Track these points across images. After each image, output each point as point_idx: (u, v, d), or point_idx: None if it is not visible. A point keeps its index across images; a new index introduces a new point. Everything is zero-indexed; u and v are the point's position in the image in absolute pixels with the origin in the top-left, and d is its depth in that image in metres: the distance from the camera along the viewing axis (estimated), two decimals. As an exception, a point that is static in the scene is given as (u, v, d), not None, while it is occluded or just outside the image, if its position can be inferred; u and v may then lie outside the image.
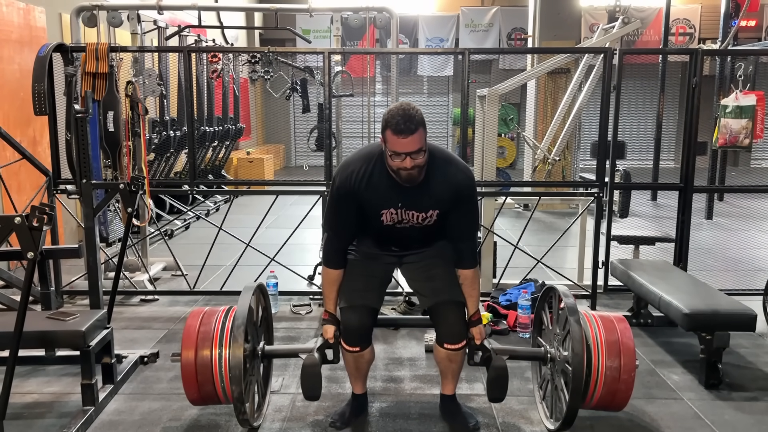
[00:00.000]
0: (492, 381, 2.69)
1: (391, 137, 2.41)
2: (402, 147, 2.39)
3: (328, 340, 2.73)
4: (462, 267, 2.70)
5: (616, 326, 2.74)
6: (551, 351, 2.83)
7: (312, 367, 2.64)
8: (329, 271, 2.74)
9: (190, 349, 2.65)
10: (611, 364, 2.64)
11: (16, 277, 3.83)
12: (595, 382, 2.66)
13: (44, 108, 4.06)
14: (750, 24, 13.18)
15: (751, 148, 4.54)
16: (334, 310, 2.77)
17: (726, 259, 5.92)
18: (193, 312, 2.82)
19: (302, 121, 12.46)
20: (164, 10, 5.49)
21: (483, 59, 14.14)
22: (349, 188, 2.57)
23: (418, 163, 2.44)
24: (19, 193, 5.02)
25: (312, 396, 2.69)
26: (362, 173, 2.56)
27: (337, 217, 2.69)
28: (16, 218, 2.21)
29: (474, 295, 2.73)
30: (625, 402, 2.73)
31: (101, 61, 4.23)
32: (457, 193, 2.59)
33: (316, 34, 12.89)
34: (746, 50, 7.63)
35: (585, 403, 2.71)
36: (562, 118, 6.88)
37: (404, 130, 2.37)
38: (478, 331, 2.73)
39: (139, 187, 3.28)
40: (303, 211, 4.73)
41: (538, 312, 3.06)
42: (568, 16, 9.11)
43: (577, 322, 2.57)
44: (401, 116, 2.37)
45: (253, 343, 2.74)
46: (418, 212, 2.59)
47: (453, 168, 2.60)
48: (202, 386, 2.66)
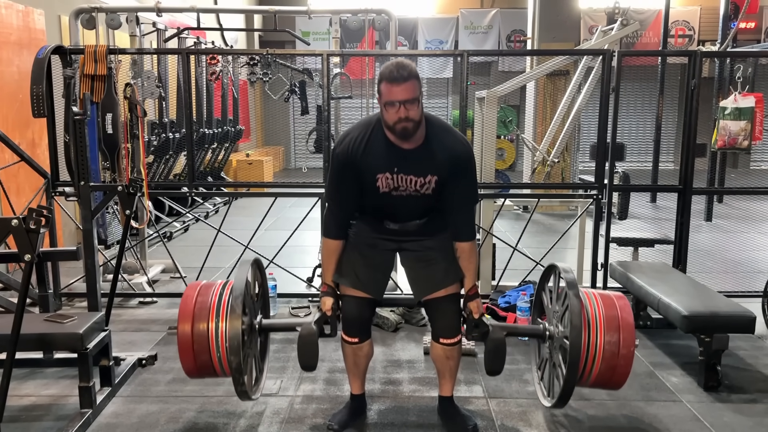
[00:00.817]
0: (490, 352, 2.67)
1: (385, 88, 2.44)
2: (396, 95, 2.42)
3: (326, 312, 2.71)
4: (459, 239, 2.69)
5: (616, 303, 2.72)
6: (550, 328, 2.80)
7: (309, 336, 2.61)
8: (329, 242, 2.73)
9: (186, 321, 2.64)
10: (610, 339, 2.62)
11: (14, 279, 3.83)
12: (593, 357, 2.63)
13: (43, 110, 4.05)
14: (749, 26, 13.20)
15: (750, 149, 4.53)
16: (333, 283, 2.75)
17: (725, 261, 5.92)
18: (190, 285, 2.81)
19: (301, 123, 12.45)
20: (163, 12, 5.49)
21: (482, 61, 14.18)
22: (347, 154, 2.58)
23: (412, 115, 2.45)
24: (18, 196, 5.02)
25: (308, 366, 2.66)
26: (360, 138, 2.59)
27: (337, 186, 2.67)
28: (13, 221, 2.21)
29: (471, 268, 2.71)
30: (624, 379, 2.69)
31: (100, 63, 4.23)
32: (455, 160, 2.58)
33: (315, 36, 12.89)
34: (745, 52, 7.64)
35: (583, 379, 2.68)
36: (561, 119, 6.88)
37: (397, 78, 2.41)
38: (476, 305, 2.70)
39: (137, 190, 3.27)
40: (302, 213, 4.73)
41: (538, 292, 3.05)
42: (567, 18, 9.13)
43: (576, 296, 2.56)
44: (395, 66, 2.43)
45: (251, 317, 2.72)
46: (416, 177, 2.56)
47: (451, 136, 2.61)
48: (198, 357, 2.64)
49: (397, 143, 2.54)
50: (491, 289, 4.63)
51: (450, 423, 2.85)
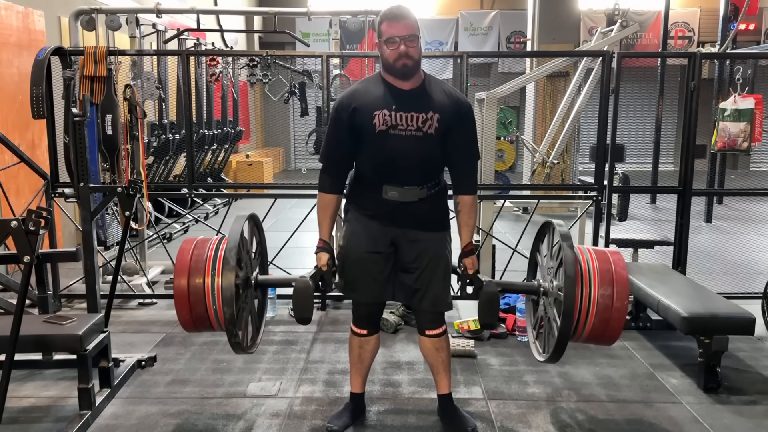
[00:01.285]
0: (483, 305, 2.66)
1: (386, 26, 2.52)
2: (396, 30, 2.49)
3: (321, 267, 2.71)
4: (461, 192, 2.70)
5: (610, 257, 2.71)
6: (544, 284, 2.79)
7: (304, 288, 2.61)
8: (323, 196, 2.72)
9: (182, 274, 2.63)
10: (604, 292, 2.60)
11: (13, 280, 3.83)
12: (587, 310, 2.61)
13: (42, 111, 4.05)
14: (749, 27, 13.21)
15: (749, 151, 4.54)
16: (328, 238, 2.74)
17: (725, 263, 5.92)
18: (186, 240, 2.78)
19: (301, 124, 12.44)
20: (163, 13, 5.50)
21: (482, 62, 14.19)
22: (344, 103, 2.59)
23: (412, 52, 2.50)
24: (18, 197, 5.02)
25: (303, 318, 2.63)
26: (359, 86, 2.66)
27: (334, 138, 2.65)
28: (12, 222, 2.21)
29: (470, 224, 2.72)
30: (617, 334, 2.65)
31: (99, 64, 4.23)
32: (457, 104, 2.60)
33: (315, 38, 12.90)
34: (745, 53, 7.64)
35: (577, 333, 2.65)
36: (561, 121, 6.89)
37: (398, 15, 2.51)
38: (471, 261, 2.71)
39: (137, 191, 3.27)
40: (302, 214, 4.73)
41: (532, 253, 3.04)
42: (567, 20, 9.14)
43: (570, 247, 2.56)
44: (395, 6, 2.55)
45: (246, 271, 2.70)
46: (417, 113, 2.54)
47: (451, 88, 2.69)
48: (195, 310, 2.62)
49: (396, 84, 2.57)
50: (491, 290, 4.62)
51: (450, 424, 2.85)
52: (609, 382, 3.34)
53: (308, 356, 3.70)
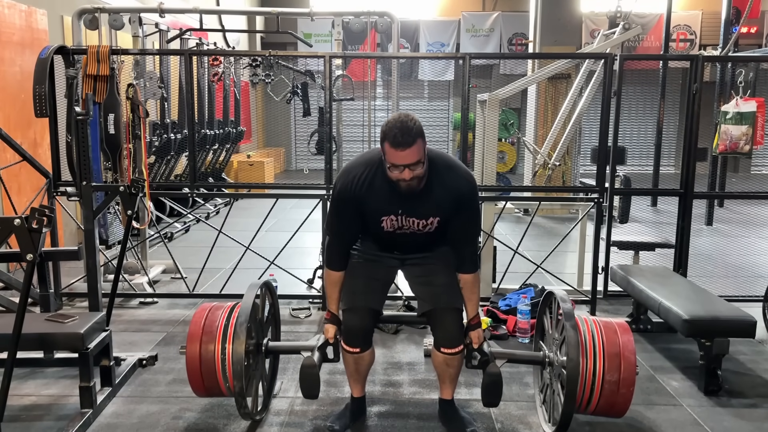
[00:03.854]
0: (486, 387, 2.70)
1: (389, 150, 2.40)
2: (400, 159, 2.39)
3: (328, 339, 2.76)
4: (462, 271, 2.71)
5: (619, 338, 2.71)
6: (550, 355, 2.83)
7: (310, 368, 2.67)
8: (331, 273, 2.75)
9: (195, 342, 2.73)
10: (611, 378, 2.63)
11: (15, 279, 3.83)
12: (591, 391, 2.65)
13: (45, 110, 4.06)
14: (751, 30, 13.20)
15: (751, 154, 4.54)
16: (336, 311, 2.79)
17: (726, 266, 5.91)
18: (201, 306, 2.90)
19: (303, 124, 12.46)
20: (166, 13, 5.50)
21: (484, 64, 14.18)
22: (350, 193, 2.58)
23: (416, 174, 2.44)
24: (20, 195, 5.02)
25: (310, 395, 2.72)
26: (363, 178, 2.57)
27: (338, 222, 2.69)
28: (15, 220, 2.21)
29: (474, 299, 2.73)
30: (624, 412, 2.72)
31: (102, 63, 4.23)
32: (458, 199, 2.59)
33: (318, 38, 12.90)
34: (747, 57, 7.64)
35: (582, 409, 2.71)
36: (563, 123, 6.88)
37: (402, 143, 2.36)
38: (477, 335, 2.73)
39: (139, 190, 3.28)
40: (303, 214, 4.73)
41: (539, 316, 3.05)
42: (569, 22, 9.13)
43: (573, 328, 2.57)
44: (399, 128, 2.36)
45: (258, 339, 2.78)
46: (419, 219, 2.60)
47: (454, 174, 2.59)
48: (206, 379, 2.74)
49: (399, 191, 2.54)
50: (492, 291, 4.64)
51: (450, 426, 2.85)
52: (609, 384, 3.34)
53: (309, 356, 3.69)
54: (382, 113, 6.28)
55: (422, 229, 2.63)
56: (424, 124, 2.49)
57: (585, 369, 2.64)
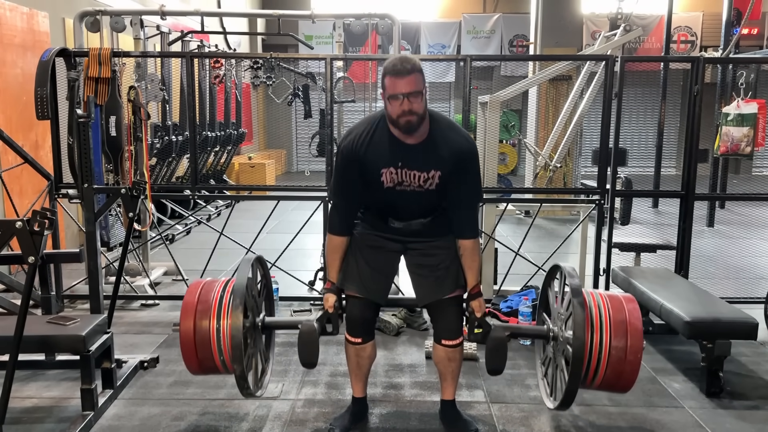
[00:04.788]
0: (491, 351, 2.66)
1: (389, 81, 2.45)
2: (399, 87, 2.42)
3: (327, 309, 2.72)
4: (462, 237, 2.68)
5: (625, 306, 2.70)
6: (554, 329, 2.79)
7: (309, 334, 2.63)
8: (333, 238, 2.73)
9: (189, 318, 2.68)
10: (617, 344, 2.59)
11: (16, 281, 3.83)
12: (597, 363, 2.62)
13: (47, 112, 4.06)
14: (752, 32, 13.20)
15: (752, 156, 4.54)
16: (336, 279, 2.76)
17: (727, 267, 5.91)
18: (192, 283, 2.84)
19: (304, 126, 12.47)
20: (167, 15, 5.51)
21: (485, 66, 14.17)
22: (352, 150, 2.59)
23: (416, 107, 2.45)
24: (21, 197, 5.03)
25: (308, 363, 2.67)
26: (364, 134, 2.60)
27: (341, 182, 2.67)
28: (17, 222, 2.21)
29: (474, 267, 2.70)
30: (631, 383, 2.68)
31: (104, 65, 4.24)
32: (458, 156, 2.57)
33: (319, 40, 12.91)
34: (748, 58, 7.64)
35: (587, 382, 2.68)
36: (564, 125, 6.88)
37: (401, 71, 2.43)
38: (478, 304, 2.70)
39: (140, 192, 3.28)
40: (304, 216, 4.73)
41: (544, 289, 3.04)
42: (570, 23, 9.14)
43: (581, 305, 2.54)
44: (398, 59, 2.46)
45: (253, 316, 2.74)
46: (420, 172, 2.56)
47: (455, 133, 2.61)
48: (201, 356, 2.68)
49: (401, 138, 2.55)
50: (493, 293, 4.63)
51: (451, 428, 2.85)
52: (611, 386, 3.33)
53: (310, 358, 3.69)
54: (383, 115, 6.23)
55: (423, 185, 2.57)
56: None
57: (591, 344, 2.60)
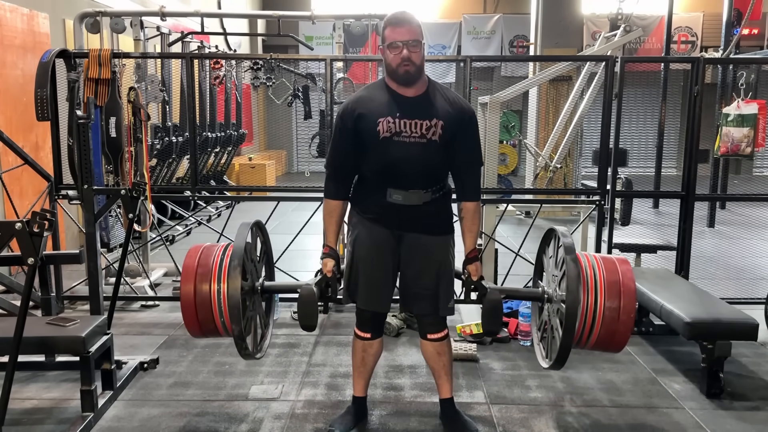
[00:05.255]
0: (487, 312, 2.67)
1: (389, 31, 2.54)
2: (399, 35, 2.51)
3: (326, 274, 2.73)
4: (465, 199, 2.71)
5: (618, 267, 2.71)
6: (549, 291, 2.81)
7: (308, 296, 2.63)
8: (329, 202, 2.73)
9: (189, 282, 2.70)
10: (611, 305, 2.61)
11: (16, 282, 3.83)
12: (592, 322, 2.63)
13: (47, 113, 4.06)
14: (752, 32, 13.19)
15: (752, 156, 4.54)
16: (334, 244, 2.76)
17: (728, 268, 5.90)
18: (192, 247, 2.84)
19: (304, 127, 12.48)
20: (167, 16, 5.51)
21: (485, 66, 14.17)
22: (350, 108, 2.62)
23: (415, 57, 2.51)
24: (21, 198, 5.03)
25: (308, 325, 2.66)
26: (363, 93, 2.67)
27: (339, 145, 2.67)
28: (17, 224, 2.21)
29: (474, 230, 2.72)
30: (624, 343, 2.69)
31: (104, 67, 4.24)
32: (459, 110, 2.62)
33: (319, 41, 12.92)
34: (748, 59, 7.64)
35: (582, 343, 2.69)
36: (564, 125, 6.89)
37: (401, 20, 2.54)
38: (475, 267, 2.72)
39: (140, 193, 3.28)
40: (304, 217, 4.73)
41: (539, 255, 3.07)
42: (570, 24, 9.14)
43: (573, 261, 2.55)
44: (399, 11, 2.58)
45: (252, 280, 2.76)
46: (421, 120, 2.55)
47: (453, 93, 2.70)
48: (201, 319, 2.70)
49: (399, 91, 2.59)
50: (493, 294, 4.62)
51: (452, 429, 2.85)
52: (611, 387, 3.33)
53: (310, 359, 3.70)
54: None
55: (425, 134, 2.54)
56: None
57: (586, 301, 2.61)
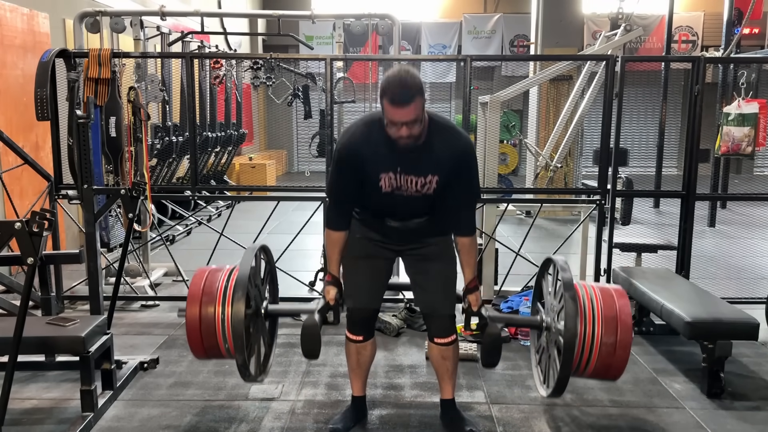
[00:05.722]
0: (486, 347, 2.70)
1: (387, 106, 2.39)
2: (398, 116, 2.38)
3: (329, 301, 2.74)
4: (459, 234, 2.70)
5: (616, 302, 2.74)
6: (547, 320, 2.84)
7: (311, 327, 2.64)
8: (332, 233, 2.72)
9: (194, 305, 2.73)
10: (607, 341, 2.66)
11: (17, 282, 3.83)
12: (588, 355, 2.68)
13: (47, 113, 4.06)
14: (753, 31, 13.18)
15: (753, 155, 4.53)
16: (337, 273, 2.77)
17: (729, 267, 5.90)
18: (198, 270, 2.88)
19: (304, 127, 12.48)
20: (167, 16, 5.51)
21: (485, 66, 14.17)
22: (350, 150, 2.58)
23: (414, 132, 2.43)
24: (21, 198, 5.02)
25: (310, 355, 2.69)
26: (363, 136, 2.57)
27: (339, 181, 2.67)
28: (16, 224, 2.21)
29: (471, 262, 2.72)
30: (620, 373, 2.76)
31: (104, 66, 4.24)
32: (456, 158, 2.57)
33: (319, 41, 12.91)
34: (749, 58, 7.63)
35: (579, 372, 2.75)
36: (564, 125, 6.88)
37: (400, 101, 2.35)
38: (475, 298, 2.72)
39: (140, 193, 3.28)
40: (304, 216, 4.73)
41: (538, 280, 3.10)
42: (571, 24, 9.13)
43: (572, 299, 2.59)
44: (398, 85, 2.35)
45: (256, 304, 2.78)
46: (417, 176, 2.55)
47: (454, 133, 2.59)
48: (206, 342, 2.73)
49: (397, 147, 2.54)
50: (494, 294, 4.62)
51: (452, 428, 2.84)
52: (612, 387, 3.33)
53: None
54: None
55: (420, 190, 2.57)
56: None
57: (583, 336, 2.66)
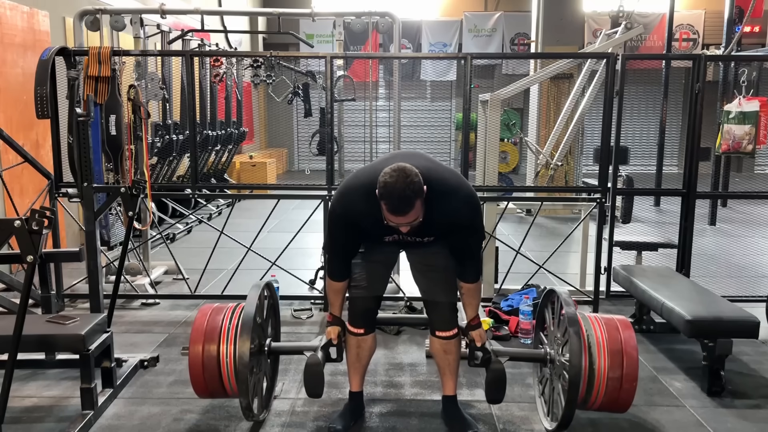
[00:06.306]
0: (490, 383, 2.72)
1: (386, 213, 2.36)
2: (398, 221, 2.36)
3: (332, 340, 2.77)
4: (463, 280, 2.73)
5: (621, 335, 2.72)
6: (551, 353, 2.85)
7: (315, 366, 2.67)
8: (333, 283, 2.78)
9: (197, 344, 2.74)
10: (613, 375, 2.65)
11: (17, 280, 3.83)
12: (597, 390, 2.67)
13: (47, 111, 4.06)
14: (754, 30, 13.16)
15: (754, 154, 4.53)
16: (339, 314, 2.81)
17: (729, 266, 5.89)
18: (202, 308, 2.89)
19: (304, 125, 12.47)
20: (167, 14, 5.50)
21: (486, 64, 14.17)
22: (348, 219, 2.60)
23: (414, 225, 2.40)
24: (21, 197, 5.02)
25: (314, 394, 2.72)
26: (363, 211, 2.50)
27: (337, 242, 2.71)
28: (15, 221, 2.20)
29: (474, 304, 2.77)
30: (627, 406, 2.75)
31: (104, 64, 4.24)
32: (458, 224, 2.56)
33: (319, 39, 12.90)
34: (750, 56, 7.62)
35: (587, 406, 2.75)
36: (565, 123, 6.88)
37: (398, 209, 2.31)
38: (478, 334, 2.76)
39: (140, 191, 3.28)
40: (305, 215, 4.73)
41: (541, 310, 3.08)
42: (571, 22, 9.12)
43: (577, 334, 2.58)
44: (398, 197, 2.28)
45: (260, 342, 2.80)
46: (420, 238, 2.61)
47: (454, 201, 2.50)
48: (209, 381, 2.75)
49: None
50: (494, 292, 4.62)
51: (452, 426, 2.85)
52: (612, 385, 3.32)
53: (311, 357, 3.69)
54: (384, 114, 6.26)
55: (422, 240, 2.64)
56: (426, 125, 2.48)
57: (588, 372, 2.65)
